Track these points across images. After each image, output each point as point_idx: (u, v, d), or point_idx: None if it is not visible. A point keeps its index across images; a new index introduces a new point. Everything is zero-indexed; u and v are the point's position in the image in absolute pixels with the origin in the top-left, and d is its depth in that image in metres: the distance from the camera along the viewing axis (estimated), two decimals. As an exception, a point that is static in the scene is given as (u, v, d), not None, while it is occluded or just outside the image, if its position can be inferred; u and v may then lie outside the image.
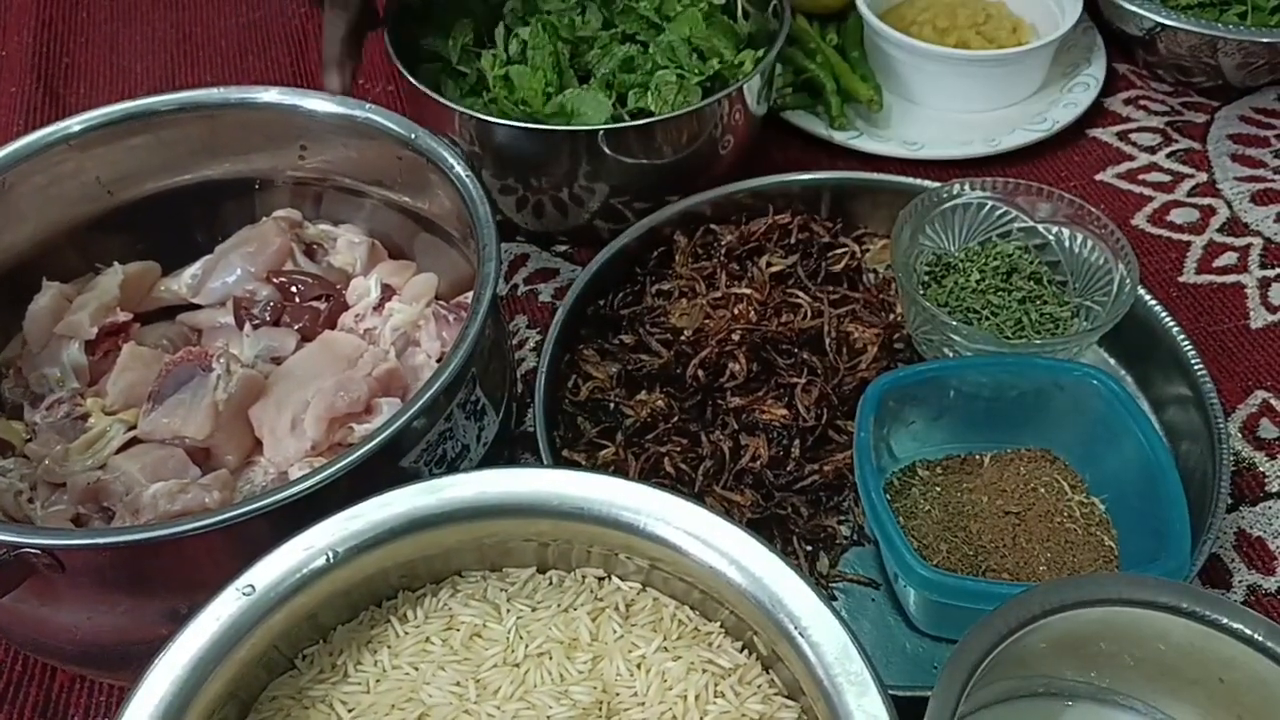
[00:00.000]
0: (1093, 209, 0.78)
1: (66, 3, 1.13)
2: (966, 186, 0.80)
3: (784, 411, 0.73)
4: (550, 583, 0.56)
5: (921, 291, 0.77)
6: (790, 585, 0.49)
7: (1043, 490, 0.71)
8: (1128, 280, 0.75)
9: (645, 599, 0.55)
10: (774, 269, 0.81)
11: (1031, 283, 0.78)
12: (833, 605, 0.48)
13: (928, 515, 0.70)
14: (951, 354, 0.75)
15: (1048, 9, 1.01)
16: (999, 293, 0.77)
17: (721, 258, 0.82)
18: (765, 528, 0.70)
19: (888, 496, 0.69)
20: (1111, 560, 0.68)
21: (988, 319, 0.76)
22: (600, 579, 0.56)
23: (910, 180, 0.87)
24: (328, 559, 0.51)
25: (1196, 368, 0.74)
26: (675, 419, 0.74)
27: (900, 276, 0.75)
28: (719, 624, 0.54)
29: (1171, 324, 0.77)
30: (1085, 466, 0.72)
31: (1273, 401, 0.79)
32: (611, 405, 0.76)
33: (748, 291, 0.77)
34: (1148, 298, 0.78)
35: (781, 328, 0.76)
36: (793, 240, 0.84)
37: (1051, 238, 0.79)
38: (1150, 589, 0.52)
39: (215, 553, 0.55)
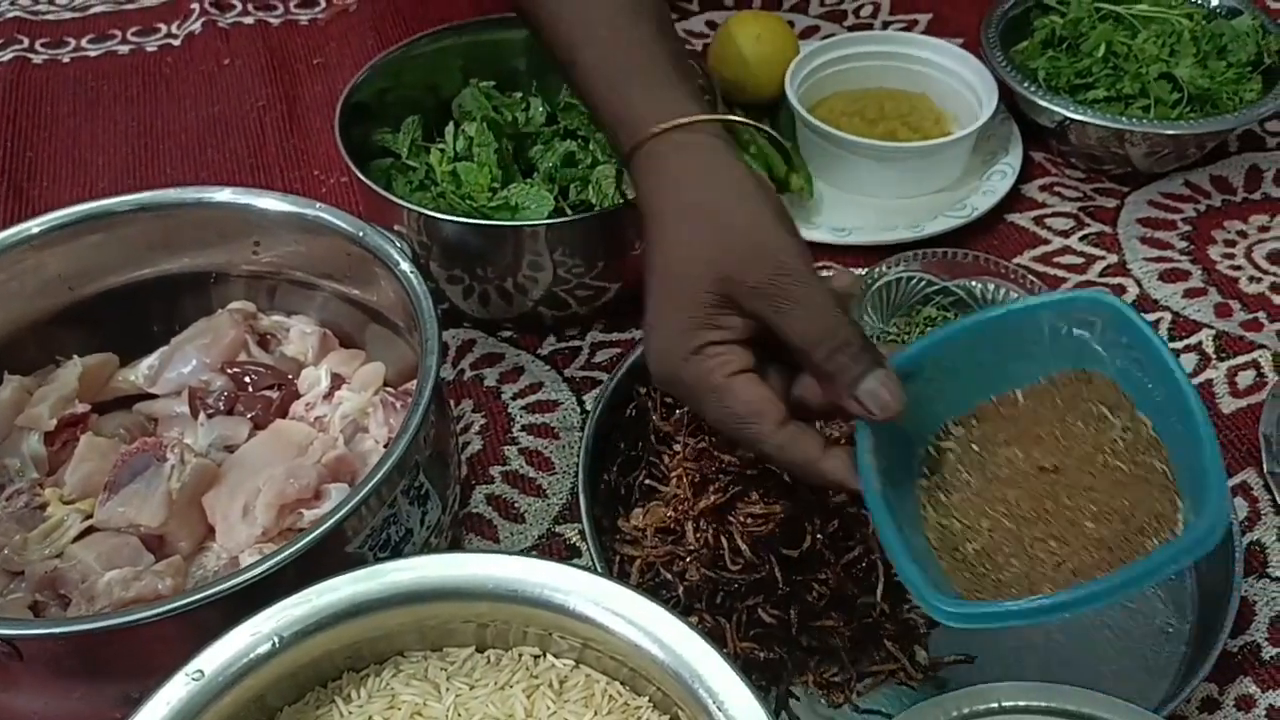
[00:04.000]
0: (994, 257, 0.86)
1: (30, 99, 1.16)
2: (885, 266, 0.85)
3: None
4: (488, 661, 0.59)
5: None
6: (708, 662, 0.52)
7: (1080, 425, 0.61)
8: None
9: (578, 675, 0.58)
10: None
11: None
12: (749, 680, 0.52)
13: (967, 486, 0.60)
14: None
15: (967, 102, 1.07)
16: None
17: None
18: (863, 646, 0.68)
19: (926, 470, 0.61)
20: (1169, 487, 0.58)
21: None
22: (536, 657, 0.59)
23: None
24: (274, 644, 0.54)
25: None
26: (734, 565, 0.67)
27: None
28: (647, 699, 0.57)
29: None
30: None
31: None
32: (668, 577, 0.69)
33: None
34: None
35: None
36: None
37: (963, 293, 0.86)
38: (1119, 713, 0.52)
39: (168, 639, 0.57)
